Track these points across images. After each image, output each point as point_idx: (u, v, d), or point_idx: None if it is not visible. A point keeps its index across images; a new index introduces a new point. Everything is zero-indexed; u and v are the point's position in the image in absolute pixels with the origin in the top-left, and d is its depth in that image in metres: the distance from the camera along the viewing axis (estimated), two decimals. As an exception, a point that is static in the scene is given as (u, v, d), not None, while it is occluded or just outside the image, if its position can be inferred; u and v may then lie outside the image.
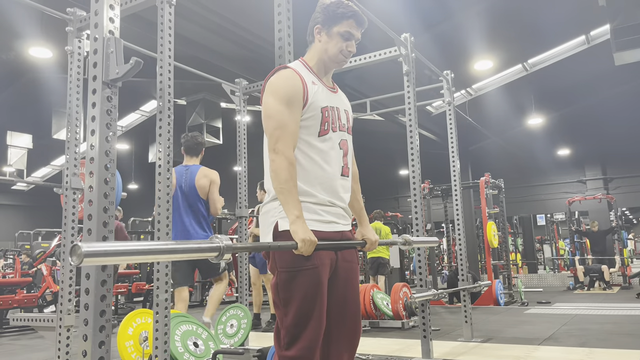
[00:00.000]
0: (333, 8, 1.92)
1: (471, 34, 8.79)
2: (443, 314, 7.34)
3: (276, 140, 1.77)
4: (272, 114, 1.81)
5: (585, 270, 11.06)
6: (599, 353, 4.13)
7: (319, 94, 1.89)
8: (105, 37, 1.67)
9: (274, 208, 1.84)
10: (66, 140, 3.50)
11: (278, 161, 1.75)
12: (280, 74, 1.87)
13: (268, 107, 1.84)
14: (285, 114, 1.79)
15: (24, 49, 8.15)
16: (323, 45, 1.94)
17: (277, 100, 1.81)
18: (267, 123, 1.83)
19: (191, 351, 3.35)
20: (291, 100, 1.81)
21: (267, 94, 1.86)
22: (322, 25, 1.94)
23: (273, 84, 1.86)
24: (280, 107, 1.80)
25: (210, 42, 7.61)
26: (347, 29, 1.92)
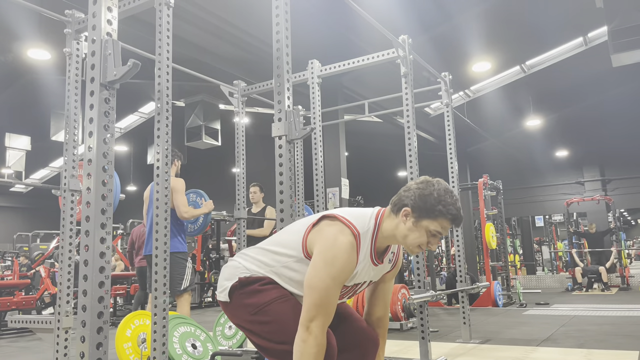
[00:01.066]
0: (432, 202, 1.69)
1: (469, 36, 8.80)
2: (441, 315, 7.35)
3: (312, 318, 1.63)
4: (319, 287, 1.64)
5: (583, 272, 11.07)
6: (597, 354, 4.13)
7: (359, 273, 1.76)
8: (103, 39, 1.67)
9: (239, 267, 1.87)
10: (64, 142, 3.50)
11: (308, 344, 1.61)
12: (345, 243, 1.68)
13: (317, 275, 1.66)
14: (331, 292, 1.65)
15: (23, 50, 8.15)
16: (405, 230, 1.72)
17: (329, 273, 1.65)
18: (310, 291, 1.66)
19: (189, 353, 3.35)
20: (341, 278, 1.68)
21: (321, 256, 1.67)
22: (413, 211, 1.71)
23: (333, 250, 1.67)
24: (329, 282, 1.64)
25: (209, 44, 7.61)
26: (439, 228, 1.71)
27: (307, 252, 1.74)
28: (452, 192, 1.74)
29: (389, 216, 1.77)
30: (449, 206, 1.69)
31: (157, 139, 2.97)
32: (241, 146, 5.06)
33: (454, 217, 1.71)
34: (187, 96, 10.36)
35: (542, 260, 19.77)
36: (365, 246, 1.73)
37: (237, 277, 1.84)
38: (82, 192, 3.39)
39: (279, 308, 1.75)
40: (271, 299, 1.76)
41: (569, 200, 12.78)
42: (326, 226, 1.73)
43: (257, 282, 1.80)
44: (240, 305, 1.82)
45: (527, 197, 15.61)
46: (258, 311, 1.76)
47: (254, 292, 1.79)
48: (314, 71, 4.66)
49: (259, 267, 1.84)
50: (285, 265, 1.80)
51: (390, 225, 1.75)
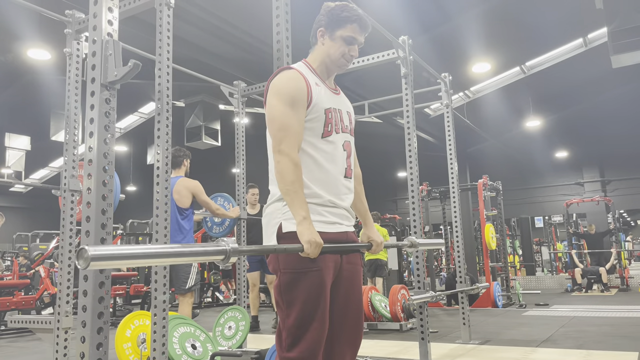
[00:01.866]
0: (337, 11, 1.91)
1: (469, 37, 8.81)
2: (441, 316, 7.35)
3: (280, 141, 1.76)
4: (276, 115, 1.80)
5: (583, 273, 11.08)
6: (597, 355, 4.14)
7: (322, 96, 1.88)
8: (104, 40, 1.68)
9: (277, 209, 1.83)
10: (64, 142, 3.51)
11: (283, 162, 1.74)
12: (283, 75, 1.86)
13: (272, 108, 1.83)
14: (289, 115, 1.78)
15: (23, 50, 8.15)
16: (326, 48, 1.93)
17: (280, 101, 1.80)
18: (270, 124, 1.82)
19: (189, 353, 3.35)
20: (295, 101, 1.80)
21: (271, 95, 1.85)
22: (326, 28, 1.93)
23: (276, 85, 1.85)
24: (284, 108, 1.79)
25: (209, 44, 7.62)
26: (350, 33, 1.91)
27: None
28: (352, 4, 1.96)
29: (311, 52, 1.98)
30: (352, 10, 1.93)
31: (157, 139, 2.98)
32: (241, 146, 5.07)
33: (359, 18, 1.92)
34: (187, 96, 10.36)
35: (542, 261, 19.77)
36: (307, 73, 1.89)
37: (279, 220, 1.82)
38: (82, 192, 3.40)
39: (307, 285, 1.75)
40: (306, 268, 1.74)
41: (569, 201, 12.78)
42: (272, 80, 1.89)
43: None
44: (277, 256, 1.82)
45: (526, 198, 15.63)
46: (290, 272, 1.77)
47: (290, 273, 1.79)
48: (314, 72, 4.66)
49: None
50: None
51: (314, 54, 1.97)
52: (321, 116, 1.85)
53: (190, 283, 4.39)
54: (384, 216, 11.53)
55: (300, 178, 1.75)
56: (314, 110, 1.84)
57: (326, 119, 1.87)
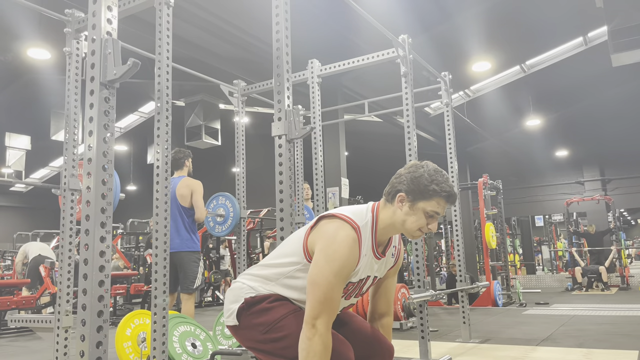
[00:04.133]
0: (425, 183, 1.72)
1: (469, 36, 8.80)
2: (441, 315, 7.35)
3: (317, 316, 1.61)
4: (322, 283, 1.63)
5: (583, 271, 11.08)
6: (597, 354, 4.14)
7: (362, 268, 1.75)
8: (103, 39, 1.67)
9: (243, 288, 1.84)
10: (64, 141, 3.51)
11: (314, 342, 1.59)
12: (344, 238, 1.67)
13: (320, 272, 1.64)
14: (335, 288, 1.64)
15: (22, 50, 8.15)
16: (403, 215, 1.74)
17: (331, 267, 1.63)
18: (314, 289, 1.64)
19: (189, 352, 3.35)
20: (343, 274, 1.66)
21: (323, 253, 1.66)
22: (407, 194, 1.74)
23: (334, 245, 1.66)
24: (332, 278, 1.63)
25: (208, 44, 7.61)
26: (435, 208, 1.73)
27: (309, 255, 1.73)
28: (442, 172, 1.77)
29: (385, 206, 1.79)
30: (442, 184, 1.72)
31: (157, 138, 2.97)
32: (241, 146, 5.06)
33: (448, 195, 1.73)
34: (187, 96, 10.36)
35: (542, 260, 19.78)
36: (366, 239, 1.73)
37: (242, 298, 1.80)
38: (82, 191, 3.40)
39: (291, 322, 1.72)
40: (282, 315, 1.73)
41: (569, 200, 12.78)
42: (325, 225, 1.73)
43: (265, 301, 1.77)
44: (250, 326, 1.78)
45: (527, 197, 15.63)
46: (270, 329, 1.73)
47: (263, 311, 1.75)
48: (313, 71, 4.66)
49: (264, 284, 1.81)
50: (289, 276, 1.78)
51: (387, 214, 1.77)
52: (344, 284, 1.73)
53: (198, 283, 4.42)
54: (384, 215, 11.52)
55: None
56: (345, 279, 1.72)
57: (346, 288, 1.76)
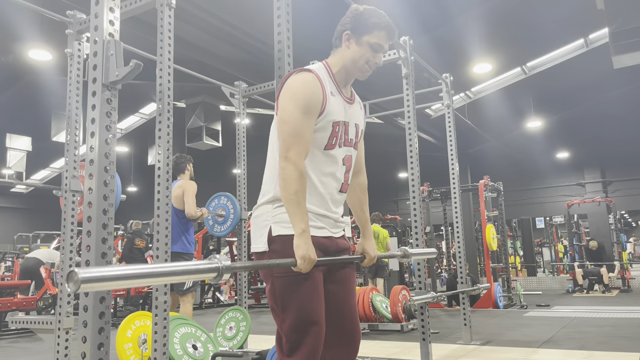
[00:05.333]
0: (366, 16, 1.86)
1: (470, 37, 8.80)
2: (442, 317, 7.34)
3: (288, 148, 1.71)
4: (288, 120, 1.74)
5: (584, 274, 11.06)
6: (598, 356, 4.13)
7: (335, 106, 1.84)
8: (105, 40, 1.68)
9: (267, 211, 1.81)
10: (65, 142, 3.51)
11: (289, 170, 1.70)
12: (300, 77, 1.79)
13: (284, 111, 1.77)
14: (301, 122, 1.74)
15: (24, 51, 8.16)
16: (351, 52, 1.86)
17: (294, 105, 1.75)
18: (281, 127, 1.77)
19: (190, 354, 3.35)
20: (309, 108, 1.75)
21: (285, 97, 1.79)
22: (352, 32, 1.86)
23: (292, 87, 1.78)
24: (297, 114, 1.74)
25: (210, 45, 7.62)
26: (377, 40, 1.85)
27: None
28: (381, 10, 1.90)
29: (334, 54, 1.91)
30: (381, 17, 1.87)
31: (159, 139, 2.98)
32: (242, 147, 5.07)
33: (387, 25, 1.87)
34: (188, 97, 10.36)
35: (543, 262, 19.76)
36: (325, 79, 1.84)
37: (269, 223, 1.80)
38: (83, 192, 3.40)
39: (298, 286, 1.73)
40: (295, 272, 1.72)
41: (570, 201, 12.77)
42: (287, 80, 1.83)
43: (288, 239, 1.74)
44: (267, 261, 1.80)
45: (527, 199, 15.61)
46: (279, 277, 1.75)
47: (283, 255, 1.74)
48: (315, 72, 4.66)
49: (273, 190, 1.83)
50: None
51: (337, 58, 1.90)
52: (328, 127, 1.82)
53: (189, 284, 4.42)
54: (385, 217, 11.52)
55: (304, 188, 1.72)
56: (324, 120, 1.80)
57: (332, 132, 1.83)
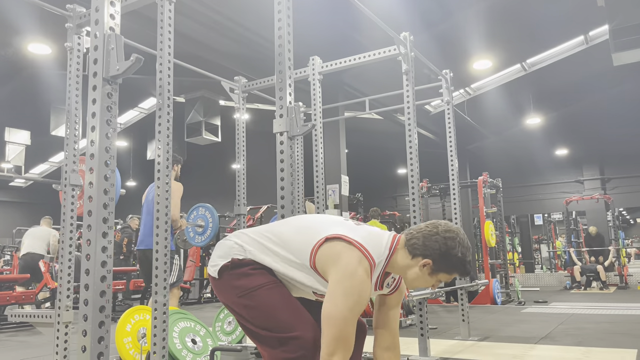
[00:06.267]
0: (454, 262, 1.75)
1: (470, 34, 8.79)
2: (440, 313, 7.36)
3: (333, 353, 1.62)
4: (338, 319, 1.63)
5: (581, 270, 11.10)
6: (596, 352, 4.15)
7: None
8: (106, 34, 1.67)
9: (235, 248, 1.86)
10: (65, 136, 3.50)
11: None
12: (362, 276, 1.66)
13: (335, 306, 1.64)
14: (350, 324, 1.65)
15: (23, 45, 8.13)
16: (418, 274, 1.77)
17: (347, 304, 1.64)
18: (330, 325, 1.64)
19: (189, 348, 3.36)
20: (358, 309, 1.67)
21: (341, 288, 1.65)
22: (433, 265, 1.75)
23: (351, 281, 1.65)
24: (348, 314, 1.63)
25: (210, 40, 7.60)
26: (447, 278, 1.81)
27: (314, 265, 1.74)
28: (470, 248, 1.78)
29: (403, 250, 1.78)
30: (467, 265, 1.77)
31: (158, 134, 2.97)
32: (242, 142, 5.06)
33: (465, 271, 1.78)
34: (187, 92, 10.34)
35: (541, 259, 19.80)
36: (375, 276, 1.75)
37: (230, 257, 1.84)
38: (84, 186, 3.40)
39: (264, 295, 1.77)
40: (258, 285, 1.78)
41: (568, 198, 12.79)
42: (343, 251, 1.70)
43: (249, 266, 1.81)
44: (228, 285, 1.83)
45: (526, 195, 15.63)
46: (244, 294, 1.78)
47: (243, 275, 1.80)
48: (315, 67, 4.66)
49: (259, 252, 1.85)
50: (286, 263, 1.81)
51: (403, 262, 1.77)
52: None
53: (173, 279, 4.53)
54: (384, 213, 11.54)
55: None
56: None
57: None
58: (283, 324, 1.73)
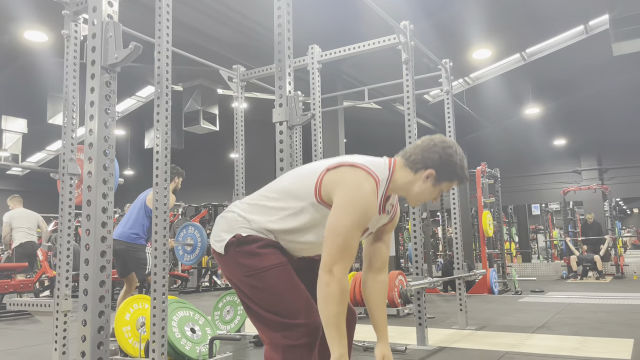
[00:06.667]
0: (457, 169, 1.80)
1: (470, 23, 8.75)
2: (438, 302, 7.40)
3: (335, 262, 1.63)
4: (342, 232, 1.64)
5: (578, 260, 11.15)
6: (593, 341, 4.17)
7: (372, 221, 1.80)
8: (104, 21, 1.65)
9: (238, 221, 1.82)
10: (63, 125, 3.48)
11: (332, 288, 1.62)
12: (367, 188, 1.69)
13: (339, 219, 1.66)
14: (354, 236, 1.66)
15: (19, 32, 8.06)
16: (422, 188, 1.80)
17: (356, 221, 1.66)
18: (333, 237, 1.65)
19: (188, 337, 3.37)
20: (362, 223, 1.68)
21: (351, 208, 1.66)
22: (437, 174, 1.78)
23: (355, 193, 1.67)
24: (352, 228, 1.65)
25: (208, 28, 7.54)
26: (449, 187, 1.84)
27: (320, 196, 1.73)
28: (464, 156, 1.84)
29: (403, 169, 1.81)
30: (466, 171, 1.83)
31: (157, 123, 2.95)
32: (240, 132, 5.04)
33: (465, 180, 1.84)
34: (185, 80, 10.28)
35: (538, 248, 19.89)
36: (380, 194, 1.77)
37: (235, 231, 1.80)
38: (82, 176, 3.39)
39: (274, 277, 1.74)
40: (268, 266, 1.74)
41: (566, 188, 12.81)
42: (348, 172, 1.73)
43: (256, 243, 1.77)
44: (235, 262, 1.79)
45: (524, 185, 15.64)
46: (253, 274, 1.75)
47: (252, 254, 1.76)
48: (314, 56, 4.63)
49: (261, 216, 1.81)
50: (292, 214, 1.78)
51: (404, 178, 1.80)
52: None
53: (149, 267, 4.74)
54: (382, 202, 11.53)
55: (345, 308, 1.66)
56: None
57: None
58: (289, 309, 1.71)
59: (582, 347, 3.98)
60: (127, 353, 3.43)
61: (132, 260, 4.72)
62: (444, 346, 4.12)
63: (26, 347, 4.62)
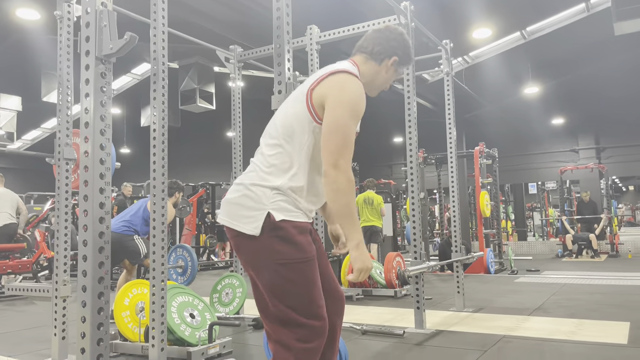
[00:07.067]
0: (410, 52, 1.95)
1: (471, 1, 8.61)
2: (434, 282, 7.45)
3: (339, 156, 1.67)
4: (342, 128, 1.70)
5: (573, 239, 11.22)
6: (589, 324, 4.21)
7: None
8: (98, 10, 1.60)
9: (265, 195, 1.71)
10: (57, 107, 3.42)
11: (341, 181, 1.66)
12: (358, 86, 1.78)
13: (340, 119, 1.71)
14: (352, 132, 1.72)
15: (11, 10, 7.91)
16: (386, 76, 1.93)
17: (350, 114, 1.72)
18: (333, 134, 1.70)
19: (188, 322, 3.37)
20: (357, 116, 1.76)
21: (343, 103, 1.73)
22: (399, 59, 1.91)
23: (352, 95, 1.75)
24: (350, 123, 1.71)
25: (204, 6, 7.40)
26: (400, 73, 1.98)
27: (316, 115, 1.74)
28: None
29: (367, 63, 1.91)
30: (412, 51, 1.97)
31: (153, 100, 2.90)
32: (237, 112, 4.99)
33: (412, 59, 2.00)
34: (181, 58, 10.14)
35: (533, 226, 20.00)
36: None
37: (266, 208, 1.69)
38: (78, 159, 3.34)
39: (308, 271, 1.70)
40: (304, 258, 1.68)
41: (563, 167, 12.82)
42: (334, 77, 1.77)
43: (293, 229, 1.69)
44: (269, 247, 1.68)
45: (521, 164, 15.65)
46: (286, 263, 1.66)
47: (289, 241, 1.68)
48: (312, 37, 4.55)
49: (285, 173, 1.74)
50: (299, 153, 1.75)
51: (370, 70, 1.91)
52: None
53: (144, 251, 4.81)
54: (379, 181, 11.53)
55: (354, 197, 1.71)
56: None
57: None
58: (309, 308, 1.67)
59: (578, 330, 4.01)
60: (127, 338, 3.44)
61: (122, 250, 4.75)
62: (442, 329, 4.15)
63: (26, 330, 4.63)
